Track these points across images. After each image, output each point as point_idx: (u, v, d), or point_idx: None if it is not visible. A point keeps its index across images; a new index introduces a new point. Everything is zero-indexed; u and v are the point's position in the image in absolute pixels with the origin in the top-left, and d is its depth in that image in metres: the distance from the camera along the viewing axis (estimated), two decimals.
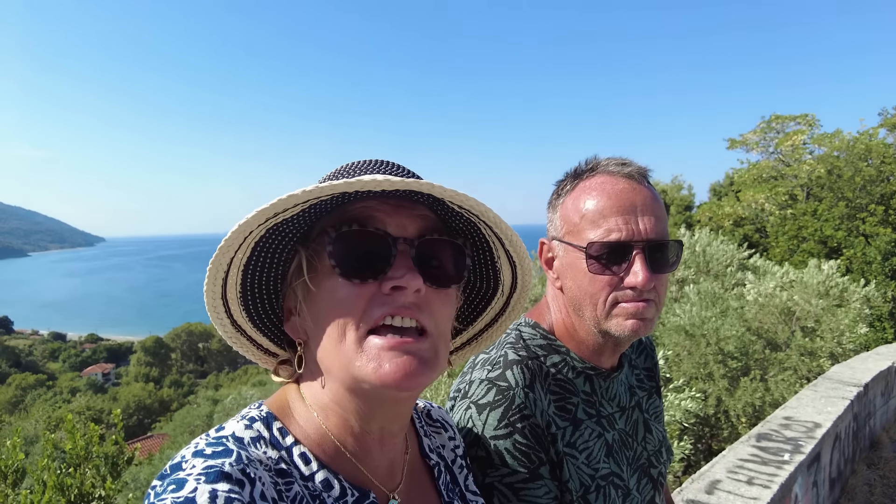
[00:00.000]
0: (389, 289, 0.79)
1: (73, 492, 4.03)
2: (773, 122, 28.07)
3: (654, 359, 1.57)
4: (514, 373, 1.21)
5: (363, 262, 0.80)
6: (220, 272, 0.82)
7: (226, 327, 0.90)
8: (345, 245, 0.80)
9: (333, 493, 0.82)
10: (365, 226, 0.81)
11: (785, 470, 3.53)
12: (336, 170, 0.92)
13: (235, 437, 0.78)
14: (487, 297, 1.04)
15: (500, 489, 1.13)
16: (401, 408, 0.90)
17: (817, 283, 9.09)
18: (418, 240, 0.83)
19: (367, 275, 0.79)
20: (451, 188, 0.78)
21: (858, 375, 6.20)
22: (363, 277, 0.79)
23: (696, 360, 7.66)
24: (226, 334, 0.91)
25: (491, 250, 0.96)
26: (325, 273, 0.82)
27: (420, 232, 0.84)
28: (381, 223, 0.82)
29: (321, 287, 0.82)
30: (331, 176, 0.91)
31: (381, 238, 0.80)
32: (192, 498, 0.66)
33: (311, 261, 0.83)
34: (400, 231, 0.82)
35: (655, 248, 1.18)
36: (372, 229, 0.81)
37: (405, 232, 0.83)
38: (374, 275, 0.80)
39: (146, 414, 49.24)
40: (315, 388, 0.87)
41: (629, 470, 1.33)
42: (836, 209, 22.13)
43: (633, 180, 1.20)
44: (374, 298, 0.79)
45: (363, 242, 0.80)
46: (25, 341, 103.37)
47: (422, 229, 0.84)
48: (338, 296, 0.80)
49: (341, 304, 0.80)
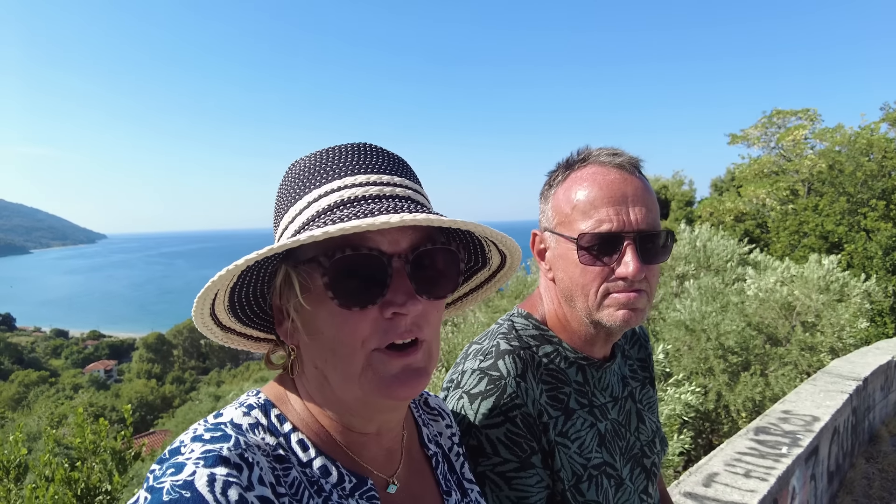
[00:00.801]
0: (391, 314, 0.78)
1: (79, 486, 4.05)
2: (775, 116, 27.97)
3: (648, 349, 1.58)
4: (506, 362, 1.22)
5: (360, 288, 0.77)
6: (208, 303, 0.82)
7: (216, 334, 0.89)
8: (339, 272, 0.76)
9: (331, 479, 0.83)
10: (358, 249, 0.76)
11: (782, 463, 3.53)
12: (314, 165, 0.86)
13: (233, 424, 0.79)
14: (475, 269, 1.05)
15: (492, 478, 1.14)
16: (398, 412, 0.91)
17: (818, 278, 9.08)
18: (412, 253, 0.79)
19: (366, 301, 0.77)
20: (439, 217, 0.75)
21: (858, 370, 6.20)
22: (362, 304, 0.77)
23: (696, 355, 7.66)
24: (216, 338, 0.90)
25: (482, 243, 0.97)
26: (320, 295, 0.78)
27: (413, 244, 0.81)
28: (373, 242, 0.78)
29: (318, 309, 0.80)
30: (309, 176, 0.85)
31: (375, 259, 0.77)
32: (190, 481, 0.66)
33: (304, 282, 0.80)
34: (393, 247, 0.79)
35: (647, 238, 1.18)
36: (366, 251, 0.76)
37: (398, 247, 0.79)
38: (373, 299, 0.77)
39: (148, 410, 49.37)
40: (311, 388, 0.87)
41: (622, 460, 1.34)
42: (837, 204, 22.08)
43: (624, 170, 1.21)
44: (375, 323, 0.78)
45: (358, 266, 0.77)
46: (28, 338, 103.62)
47: (414, 241, 0.81)
48: (336, 321, 0.78)
49: (342, 329, 0.78)
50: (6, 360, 78.77)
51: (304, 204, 0.83)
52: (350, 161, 0.85)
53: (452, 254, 0.85)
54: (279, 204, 0.87)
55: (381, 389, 0.79)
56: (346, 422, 0.87)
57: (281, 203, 0.87)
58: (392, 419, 0.91)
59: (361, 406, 0.84)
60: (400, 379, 0.79)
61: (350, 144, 0.87)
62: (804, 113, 27.47)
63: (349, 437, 0.88)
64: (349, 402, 0.84)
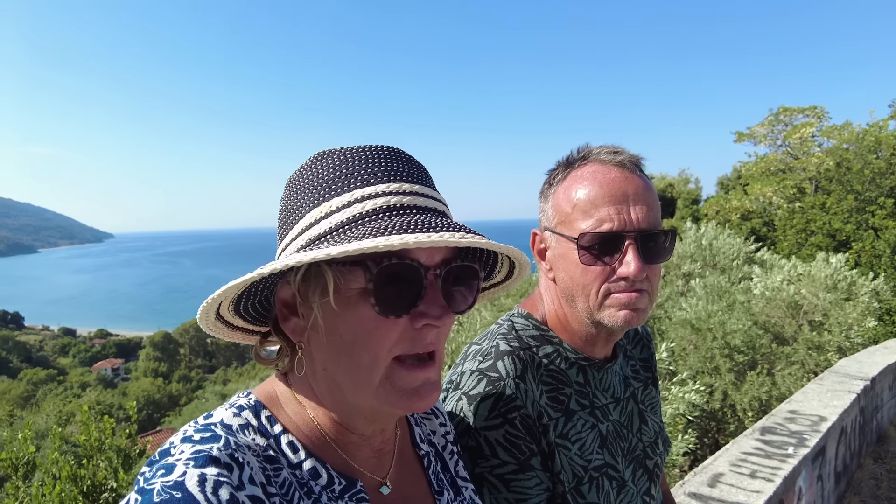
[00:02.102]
0: (422, 325, 0.79)
1: (85, 483, 4.08)
2: (781, 114, 27.79)
3: (651, 349, 1.56)
4: (506, 363, 1.21)
5: (398, 297, 0.78)
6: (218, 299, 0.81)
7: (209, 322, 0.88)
8: (384, 280, 0.76)
9: (321, 481, 0.83)
10: (402, 258, 0.77)
11: (789, 463, 3.50)
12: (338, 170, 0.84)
13: (223, 424, 0.79)
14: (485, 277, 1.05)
15: (491, 480, 1.13)
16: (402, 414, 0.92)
17: (825, 276, 9.01)
18: (443, 269, 0.81)
19: (402, 310, 0.78)
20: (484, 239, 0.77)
21: (866, 369, 6.15)
22: (398, 313, 0.78)
23: (702, 354, 7.62)
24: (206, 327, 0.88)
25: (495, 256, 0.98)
26: (352, 298, 0.78)
27: (445, 259, 0.82)
28: (414, 253, 0.78)
29: (347, 311, 0.79)
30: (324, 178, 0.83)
31: (415, 270, 0.78)
32: (181, 482, 0.66)
33: (338, 282, 0.78)
34: (429, 260, 0.80)
35: (648, 237, 1.17)
36: (409, 261, 0.77)
37: (433, 260, 0.80)
38: (407, 309, 0.78)
39: (155, 408, 49.66)
40: (313, 388, 0.86)
41: (624, 461, 1.32)
42: (844, 202, 21.92)
43: (625, 169, 1.19)
44: (404, 333, 0.79)
45: (399, 275, 0.77)
46: (36, 337, 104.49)
47: (446, 256, 0.83)
48: (368, 326, 0.78)
49: (371, 335, 0.78)
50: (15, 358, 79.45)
51: (340, 203, 0.81)
52: (383, 165, 0.84)
53: (475, 271, 0.87)
54: (301, 196, 0.84)
55: (400, 402, 0.80)
56: (348, 423, 0.87)
57: (304, 196, 0.84)
58: (392, 420, 0.92)
59: (371, 411, 0.85)
60: (420, 393, 0.81)
61: (377, 147, 0.86)
62: (811, 110, 27.27)
63: (344, 438, 0.88)
64: (359, 407, 0.84)
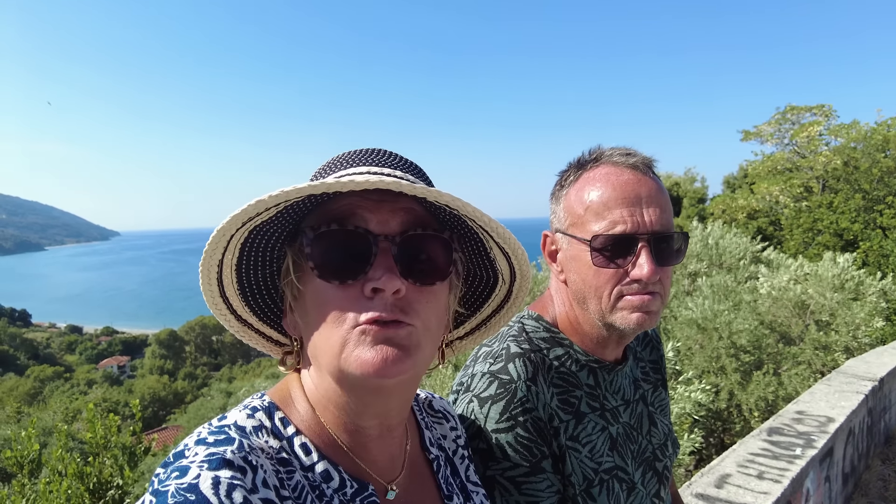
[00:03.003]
0: (370, 290, 0.77)
1: (91, 480, 4.11)
2: (789, 112, 27.60)
3: (661, 351, 1.56)
4: (517, 366, 1.20)
5: (342, 263, 0.77)
6: (213, 273, 0.83)
7: (230, 322, 0.91)
8: (323, 246, 0.77)
9: (333, 484, 0.83)
10: (344, 224, 0.78)
11: (796, 465, 3.48)
12: (328, 162, 0.91)
13: (237, 426, 0.79)
14: (490, 285, 1.02)
15: (502, 483, 1.13)
16: (392, 401, 0.88)
17: (832, 276, 8.95)
18: (401, 236, 0.79)
19: (347, 276, 0.77)
20: (420, 185, 0.74)
21: (874, 370, 6.11)
22: (342, 279, 0.77)
23: (708, 354, 7.59)
24: (231, 328, 0.92)
25: (483, 243, 0.94)
26: (308, 273, 0.80)
27: (403, 227, 0.80)
28: (362, 220, 0.79)
29: (307, 287, 0.81)
30: (321, 170, 0.90)
31: (361, 237, 0.78)
32: (195, 484, 0.66)
33: (297, 260, 0.81)
34: (382, 227, 0.79)
35: (661, 239, 1.16)
36: (351, 228, 0.78)
37: (387, 228, 0.79)
38: (354, 276, 0.77)
39: (161, 406, 49.93)
40: (311, 383, 0.87)
41: (634, 464, 1.32)
42: (852, 201, 21.77)
43: (637, 171, 1.18)
44: (356, 301, 0.77)
45: (342, 242, 0.77)
46: (43, 334, 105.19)
47: (405, 224, 0.81)
48: (321, 297, 0.79)
49: (324, 306, 0.78)
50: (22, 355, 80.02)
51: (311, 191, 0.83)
52: (357, 157, 0.88)
53: (445, 242, 0.84)
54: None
55: (361, 366, 0.76)
56: (343, 418, 0.86)
57: None
58: (389, 415, 0.89)
59: (350, 389, 0.82)
60: (381, 353, 0.75)
61: (366, 148, 0.90)
62: (819, 109, 27.07)
63: (353, 438, 0.87)
64: (339, 387, 0.83)
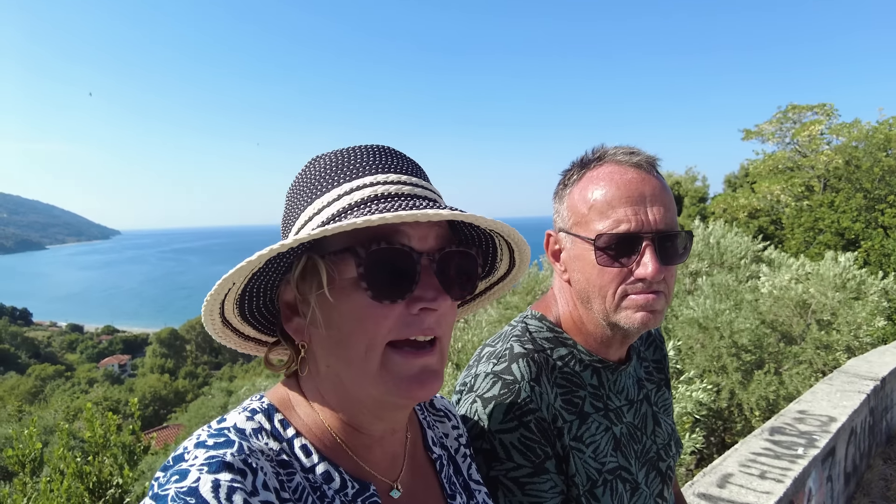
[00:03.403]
0: (418, 310, 0.78)
1: (91, 479, 4.11)
2: (790, 111, 27.54)
3: (664, 351, 1.55)
4: (520, 366, 1.20)
5: (393, 282, 0.78)
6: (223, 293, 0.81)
7: (216, 326, 0.88)
8: (375, 264, 0.77)
9: (334, 485, 0.83)
10: (392, 243, 0.77)
11: (798, 464, 3.48)
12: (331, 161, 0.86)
13: (237, 429, 0.78)
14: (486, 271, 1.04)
15: (506, 483, 1.12)
16: (407, 410, 0.91)
17: (834, 275, 8.94)
18: (439, 253, 0.81)
19: (397, 294, 0.78)
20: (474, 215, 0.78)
21: (875, 369, 6.10)
22: (393, 298, 0.78)
23: (709, 353, 7.59)
24: (214, 332, 0.89)
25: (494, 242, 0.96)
26: (346, 287, 0.79)
27: (439, 244, 0.82)
28: (405, 237, 0.79)
29: (341, 301, 0.79)
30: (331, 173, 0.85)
31: (407, 255, 0.78)
32: (195, 488, 0.66)
33: (332, 273, 0.79)
34: (422, 244, 0.80)
35: (665, 238, 1.15)
36: (398, 246, 0.78)
37: (426, 245, 0.81)
38: (402, 294, 0.78)
39: (162, 405, 49.97)
40: (319, 388, 0.86)
41: (637, 464, 1.31)
42: (853, 200, 21.74)
43: (641, 170, 1.18)
44: (400, 318, 0.78)
45: (391, 260, 0.77)
46: (44, 333, 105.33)
47: (440, 240, 0.83)
48: (363, 314, 0.78)
49: (366, 322, 0.78)
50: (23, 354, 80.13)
51: (333, 196, 0.82)
52: (374, 160, 0.86)
53: (472, 257, 0.86)
54: (297, 198, 0.86)
55: (398, 390, 0.79)
56: (355, 422, 0.86)
57: (300, 198, 0.86)
58: (400, 418, 0.91)
59: (374, 404, 0.84)
60: (419, 380, 0.80)
61: (372, 145, 0.88)
62: (820, 108, 27.01)
63: (355, 440, 0.87)
64: (362, 400, 0.83)
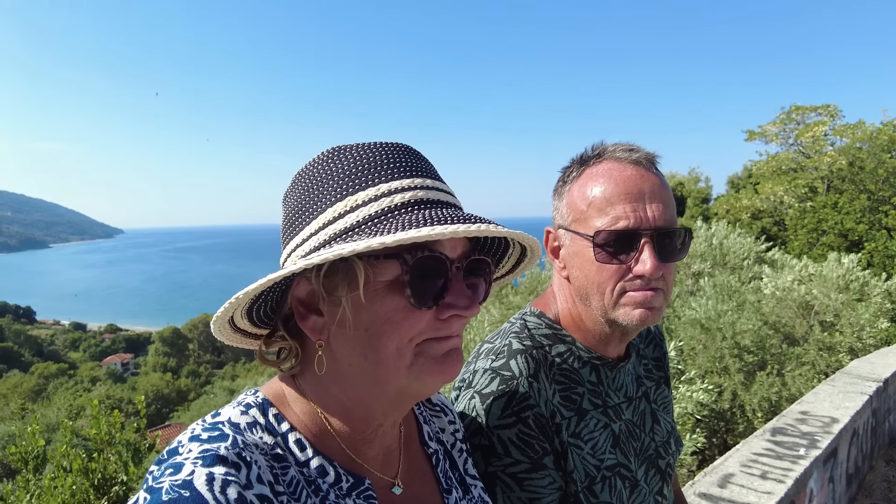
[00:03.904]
0: (448, 316, 0.81)
1: (96, 476, 4.12)
2: (794, 112, 27.45)
3: (664, 349, 1.55)
4: (518, 362, 1.20)
5: (430, 289, 0.80)
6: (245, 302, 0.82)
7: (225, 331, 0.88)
8: (420, 271, 0.78)
9: (328, 478, 0.83)
10: (433, 251, 0.79)
11: (800, 465, 3.47)
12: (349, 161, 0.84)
13: (231, 423, 0.79)
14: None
15: (504, 479, 1.12)
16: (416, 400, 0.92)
17: (837, 276, 8.91)
18: (465, 261, 0.84)
19: (433, 301, 0.80)
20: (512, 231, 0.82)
21: (878, 371, 6.08)
22: (429, 304, 0.80)
23: (711, 354, 7.57)
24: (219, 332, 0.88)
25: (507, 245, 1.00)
26: (380, 290, 0.79)
27: (465, 252, 0.85)
28: (441, 245, 0.80)
29: (375, 303, 0.79)
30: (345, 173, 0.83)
31: (443, 263, 0.80)
32: (189, 481, 0.66)
33: (368, 275, 0.79)
34: (452, 252, 0.82)
35: (664, 235, 1.16)
36: (438, 254, 0.79)
37: (456, 252, 0.83)
38: (437, 301, 0.80)
39: (164, 403, 50.06)
40: (328, 386, 0.86)
41: (637, 461, 1.31)
42: (857, 202, 21.66)
43: (640, 166, 1.18)
44: (430, 323, 0.80)
45: (431, 267, 0.79)
46: (47, 331, 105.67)
47: (466, 249, 0.85)
48: (398, 317, 0.79)
49: (401, 325, 0.79)
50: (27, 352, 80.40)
51: (367, 197, 0.80)
52: (401, 162, 0.84)
53: (487, 264, 0.89)
54: (317, 195, 0.83)
55: (433, 370, 0.81)
56: (354, 419, 0.86)
57: (320, 195, 0.83)
58: (402, 415, 0.92)
59: (398, 395, 0.85)
60: (452, 357, 0.83)
61: (394, 144, 0.87)
62: (824, 109, 26.92)
63: (353, 435, 0.87)
64: (387, 392, 0.84)
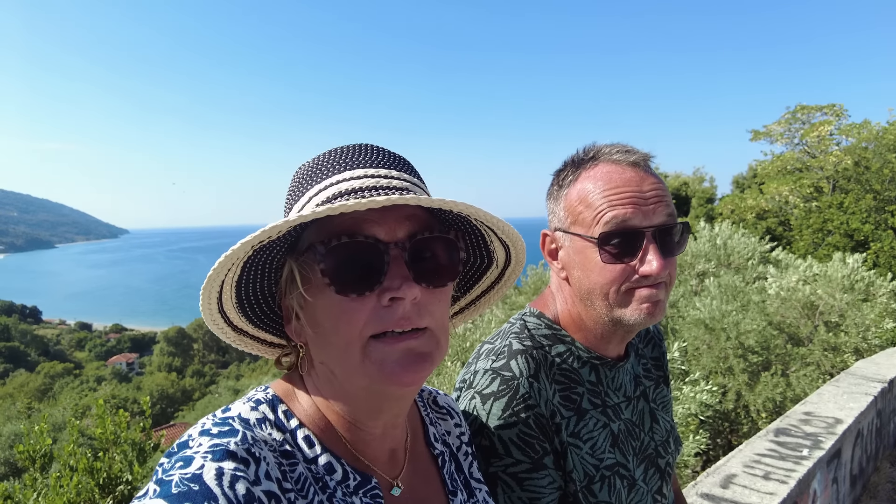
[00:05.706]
0: (388, 300, 0.78)
1: (101, 475, 4.15)
2: (799, 112, 27.31)
3: (662, 348, 1.56)
4: (519, 362, 1.21)
5: (357, 275, 0.78)
6: (214, 294, 0.82)
7: (227, 335, 0.91)
8: (336, 259, 0.77)
9: (336, 476, 0.84)
10: (354, 236, 0.77)
11: (803, 466, 3.46)
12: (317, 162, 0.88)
13: (241, 418, 0.80)
14: (482, 269, 1.04)
15: (504, 479, 1.14)
16: (405, 402, 0.91)
17: (842, 276, 8.87)
18: (410, 241, 0.80)
19: (363, 287, 0.78)
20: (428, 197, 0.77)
21: (883, 371, 6.05)
22: (359, 291, 0.78)
23: (715, 354, 7.55)
24: (227, 338, 0.91)
25: (483, 235, 0.96)
26: (319, 285, 0.80)
27: (411, 232, 0.81)
28: (370, 230, 0.79)
29: (317, 299, 0.81)
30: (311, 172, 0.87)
31: (371, 246, 0.78)
32: (198, 475, 0.67)
33: (304, 273, 0.81)
34: (390, 235, 0.79)
35: (665, 232, 1.18)
36: (362, 238, 0.78)
37: (395, 235, 0.80)
38: (370, 286, 0.78)
39: (169, 403, 50.25)
40: (320, 384, 0.88)
41: (635, 460, 1.32)
42: (863, 202, 21.54)
43: (638, 168, 1.20)
44: (373, 311, 0.78)
45: (355, 253, 0.77)
46: (53, 331, 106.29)
47: (412, 229, 0.82)
48: (335, 309, 0.79)
49: (340, 318, 0.79)
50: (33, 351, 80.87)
51: (306, 200, 0.84)
52: (350, 158, 0.86)
53: (451, 242, 0.85)
54: (286, 206, 0.90)
55: (382, 375, 0.79)
56: (354, 417, 0.87)
57: (287, 204, 0.89)
58: (399, 411, 0.91)
59: (368, 395, 0.84)
60: (402, 364, 0.79)
61: (352, 144, 0.89)
62: (829, 108, 26.77)
63: (355, 435, 0.88)
64: (356, 393, 0.85)
